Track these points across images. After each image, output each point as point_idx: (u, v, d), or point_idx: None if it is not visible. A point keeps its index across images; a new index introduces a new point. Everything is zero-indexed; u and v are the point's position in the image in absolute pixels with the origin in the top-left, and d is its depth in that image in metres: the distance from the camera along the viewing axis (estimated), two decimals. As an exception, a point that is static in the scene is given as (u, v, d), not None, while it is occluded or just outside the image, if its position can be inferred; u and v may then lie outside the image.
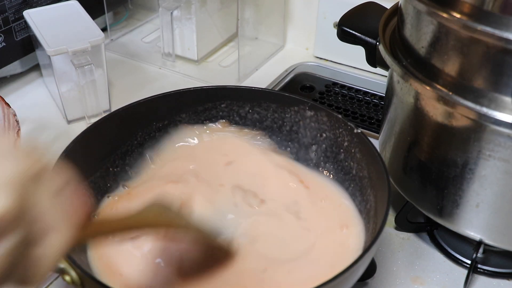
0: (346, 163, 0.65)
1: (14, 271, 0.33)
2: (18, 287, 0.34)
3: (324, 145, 0.67)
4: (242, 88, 0.71)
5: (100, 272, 0.55)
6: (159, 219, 0.50)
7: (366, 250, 0.49)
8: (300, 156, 0.69)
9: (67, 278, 0.47)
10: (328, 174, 0.67)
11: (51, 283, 0.62)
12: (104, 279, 0.53)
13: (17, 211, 0.31)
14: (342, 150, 0.65)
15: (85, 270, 0.47)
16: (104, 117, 0.65)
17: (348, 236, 0.60)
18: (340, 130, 0.65)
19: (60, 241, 0.35)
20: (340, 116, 0.64)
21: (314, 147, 0.68)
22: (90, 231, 0.41)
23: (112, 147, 0.65)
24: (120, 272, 0.55)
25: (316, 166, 0.68)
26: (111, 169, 0.65)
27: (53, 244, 0.34)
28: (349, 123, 0.63)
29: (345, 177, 0.65)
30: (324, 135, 0.67)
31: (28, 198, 0.32)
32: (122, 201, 0.64)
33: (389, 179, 0.55)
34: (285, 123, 0.69)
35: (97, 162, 0.64)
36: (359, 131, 0.62)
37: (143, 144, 0.68)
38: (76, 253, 0.51)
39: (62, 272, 0.47)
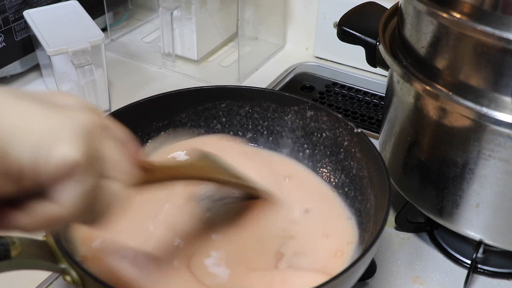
0: (346, 163, 0.65)
1: (88, 210, 0.36)
2: (89, 225, 0.37)
3: (324, 145, 0.67)
4: (242, 88, 0.71)
5: None
6: (208, 168, 0.56)
7: (366, 250, 0.49)
8: (300, 155, 0.69)
9: (68, 278, 0.47)
10: (327, 173, 0.67)
11: (51, 283, 0.62)
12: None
13: (88, 159, 0.34)
14: (342, 150, 0.65)
15: (86, 270, 0.47)
16: (104, 117, 0.65)
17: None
18: (340, 129, 0.65)
19: (126, 181, 0.39)
20: (340, 115, 0.64)
21: (314, 147, 0.68)
22: (148, 174, 0.44)
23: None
24: None
25: (315, 165, 0.68)
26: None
27: (120, 184, 0.38)
28: (349, 123, 0.63)
29: (345, 177, 0.65)
30: (324, 134, 0.67)
31: (97, 146, 0.36)
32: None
33: (389, 179, 0.55)
34: (285, 123, 0.69)
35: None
36: (359, 130, 0.62)
37: (142, 144, 0.68)
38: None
39: (63, 272, 0.47)
